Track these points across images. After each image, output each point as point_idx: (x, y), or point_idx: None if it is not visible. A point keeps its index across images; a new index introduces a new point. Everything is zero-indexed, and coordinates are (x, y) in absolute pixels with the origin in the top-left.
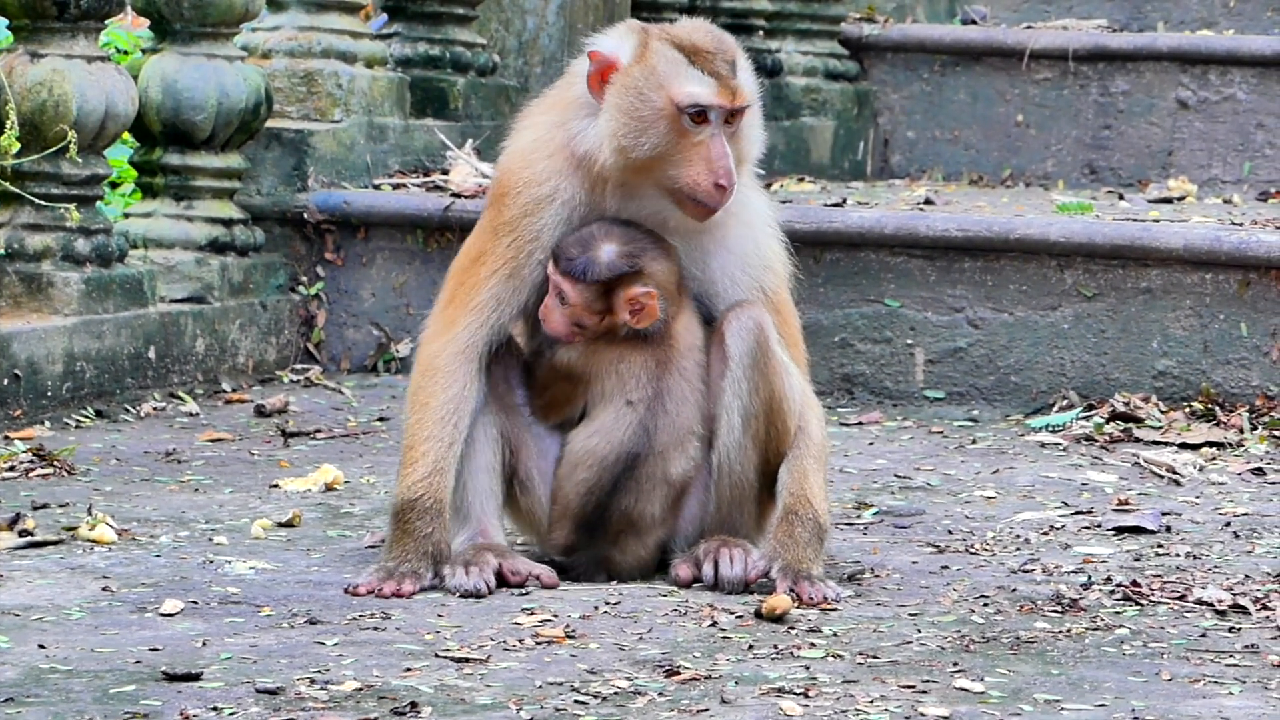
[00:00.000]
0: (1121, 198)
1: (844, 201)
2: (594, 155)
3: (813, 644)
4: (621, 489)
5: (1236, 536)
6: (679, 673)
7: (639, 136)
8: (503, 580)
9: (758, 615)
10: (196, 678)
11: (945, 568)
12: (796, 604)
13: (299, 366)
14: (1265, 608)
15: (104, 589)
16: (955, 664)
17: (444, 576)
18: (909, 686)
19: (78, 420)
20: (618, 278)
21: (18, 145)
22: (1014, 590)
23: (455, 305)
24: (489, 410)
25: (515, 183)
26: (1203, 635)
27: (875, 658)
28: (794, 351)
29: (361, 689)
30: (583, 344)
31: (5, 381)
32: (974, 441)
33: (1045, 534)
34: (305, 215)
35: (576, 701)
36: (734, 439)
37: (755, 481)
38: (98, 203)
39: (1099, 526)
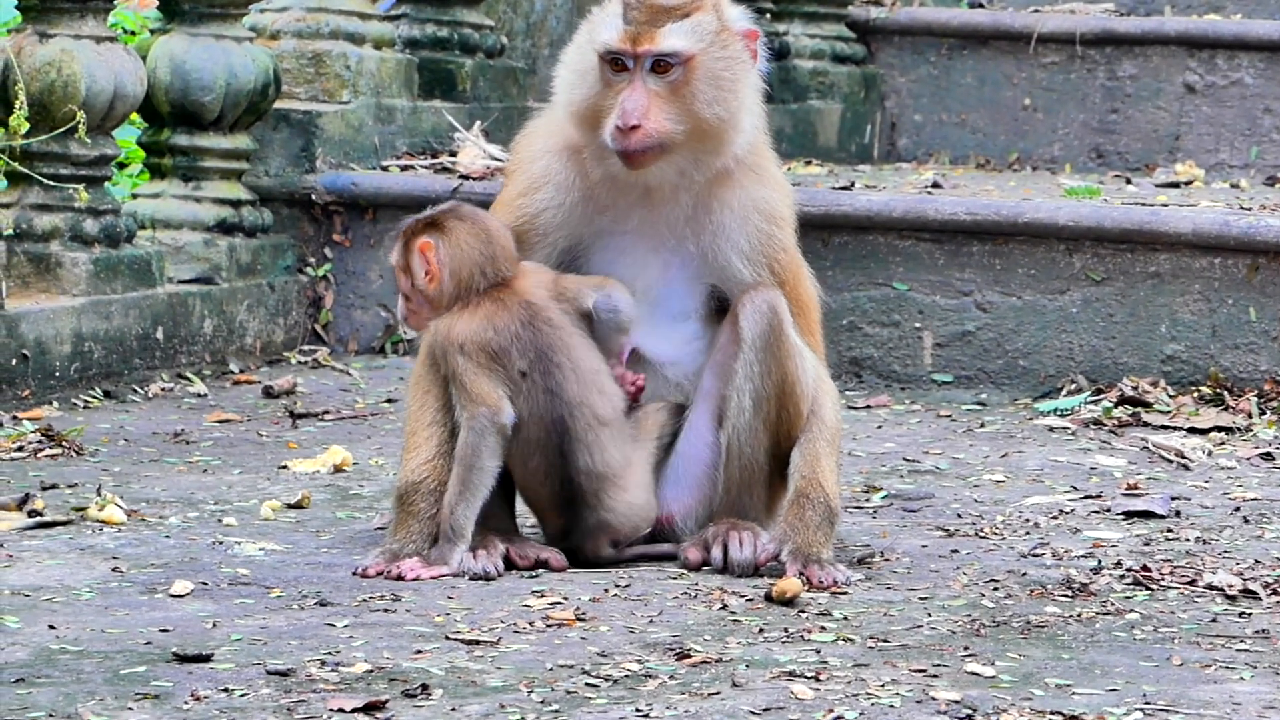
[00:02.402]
0: (1129, 182)
1: (852, 185)
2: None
3: (823, 627)
4: (570, 456)
5: (1246, 521)
6: (690, 656)
7: (575, 90)
8: (511, 564)
9: (768, 599)
10: (207, 659)
11: (955, 551)
12: (806, 588)
13: (307, 348)
14: (1275, 593)
15: (113, 569)
16: (966, 648)
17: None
18: (920, 670)
19: (86, 401)
20: (414, 233)
21: (26, 125)
22: (1024, 574)
23: None
24: None
25: (517, 161)
26: (1213, 620)
27: (886, 641)
28: (810, 339)
29: (372, 670)
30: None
31: (13, 362)
32: (982, 425)
33: (1055, 518)
34: (313, 196)
35: (587, 684)
36: (744, 421)
37: (765, 464)
38: (106, 183)
39: (1108, 511)
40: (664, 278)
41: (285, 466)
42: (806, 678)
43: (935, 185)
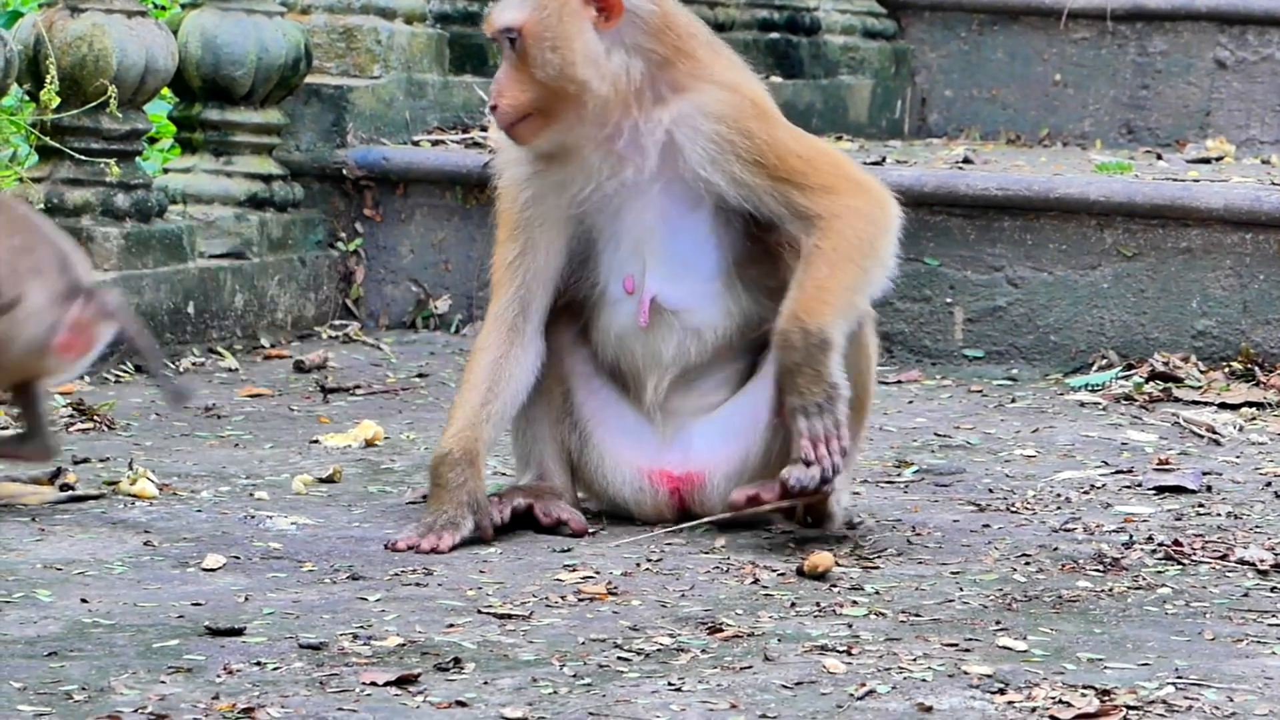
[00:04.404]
0: (1159, 158)
1: (883, 160)
2: None
3: (855, 602)
4: None
5: (1277, 496)
6: (721, 630)
7: None
8: (536, 522)
9: (800, 573)
10: (239, 632)
11: (986, 526)
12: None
13: (338, 322)
14: None
15: (145, 543)
16: (998, 622)
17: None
18: (952, 645)
19: (117, 375)
20: None
21: (58, 100)
22: (1055, 549)
23: (495, 275)
24: (552, 364)
25: (496, 171)
26: (1245, 595)
27: (918, 616)
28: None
29: (404, 644)
30: None
31: None
32: (1013, 400)
33: (1086, 493)
34: (344, 171)
35: (619, 658)
36: None
37: (848, 415)
38: (137, 158)
39: (1139, 486)
40: (665, 225)
41: (316, 441)
42: (838, 652)
43: (966, 160)
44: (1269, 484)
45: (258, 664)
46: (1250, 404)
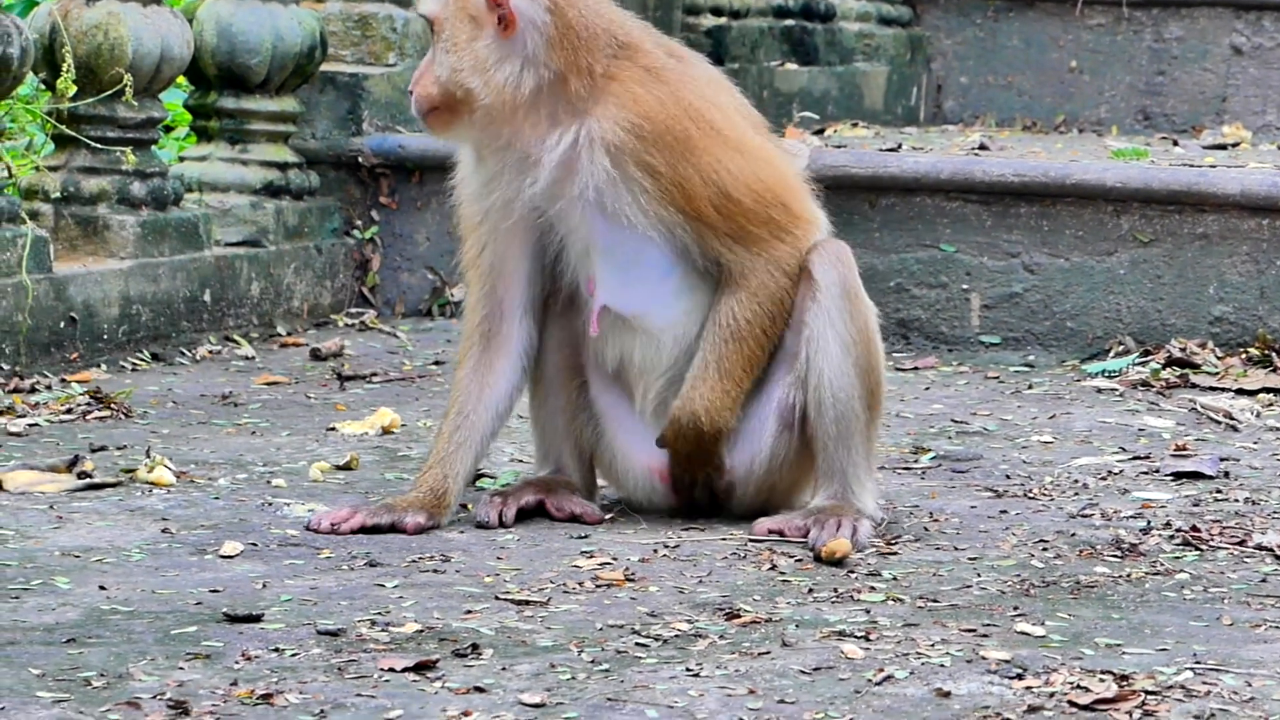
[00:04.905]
0: (1175, 144)
1: (899, 147)
2: None
3: (872, 587)
4: None
5: None
6: (739, 616)
7: None
8: (548, 515)
9: (817, 558)
10: (258, 619)
11: (1004, 512)
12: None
13: (354, 310)
14: None
15: (163, 530)
16: (1015, 608)
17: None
18: (970, 630)
19: (134, 363)
20: None
21: (74, 88)
22: (1073, 535)
23: (464, 277)
24: (564, 356)
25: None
26: (1263, 580)
27: (935, 601)
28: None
29: (422, 631)
30: None
31: (62, 324)
32: (1030, 387)
33: (1103, 479)
34: (360, 159)
35: (637, 644)
36: (833, 366)
37: (863, 414)
38: (153, 146)
39: (1157, 472)
40: (603, 235)
41: (333, 428)
42: (856, 637)
43: (982, 147)
44: None
45: (276, 650)
46: (1267, 390)
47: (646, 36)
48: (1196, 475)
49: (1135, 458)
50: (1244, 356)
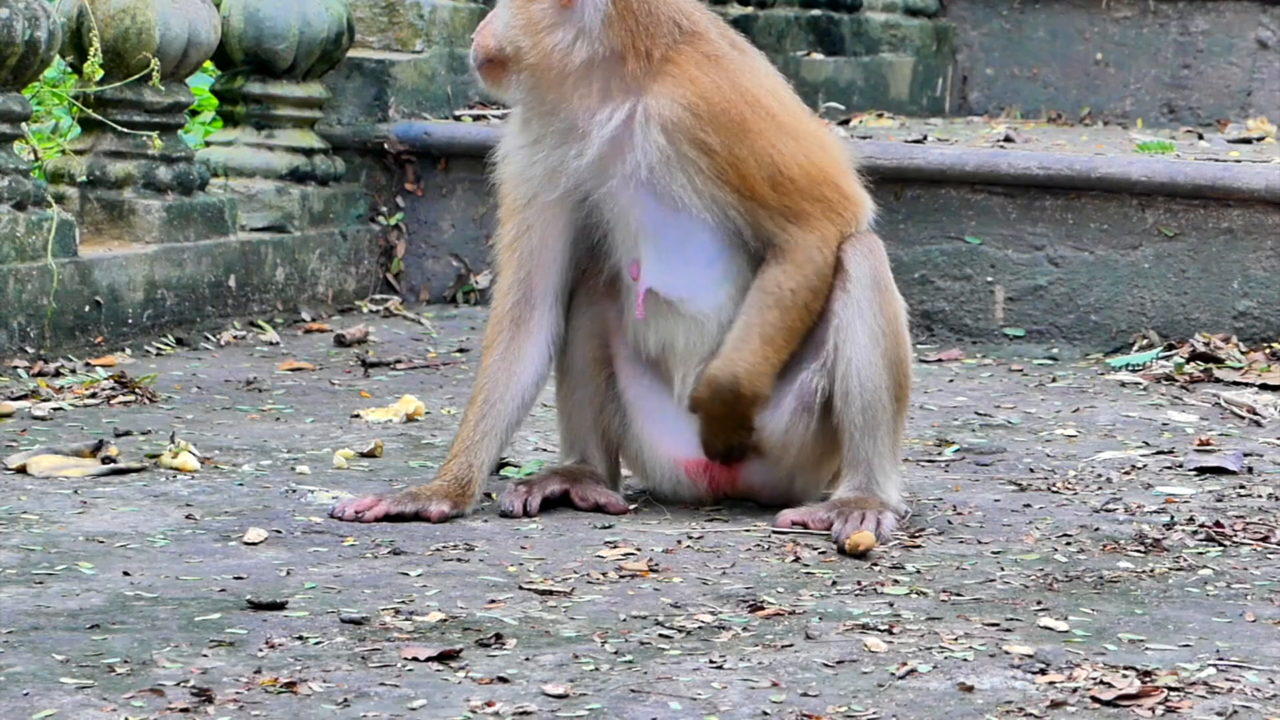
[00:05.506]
0: (1201, 137)
1: (924, 138)
2: None
3: (896, 580)
4: None
5: None
6: (763, 608)
7: None
8: (572, 504)
9: (841, 551)
10: (281, 606)
11: (1027, 506)
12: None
13: (378, 297)
14: None
15: (187, 517)
16: (1039, 602)
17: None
18: (993, 624)
19: (158, 348)
20: None
21: (100, 72)
22: (1096, 529)
23: (498, 260)
24: (593, 346)
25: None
26: None
27: (959, 595)
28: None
29: (446, 620)
30: None
31: (87, 309)
32: (1054, 380)
33: (1127, 473)
34: (386, 146)
35: (661, 635)
36: (862, 357)
37: (890, 405)
38: (179, 131)
39: (1180, 467)
40: (651, 216)
41: (358, 415)
42: (880, 630)
43: (1007, 139)
44: None
45: (299, 638)
46: None
47: (712, 27)
48: (1220, 470)
49: (1159, 452)
50: (1268, 352)
